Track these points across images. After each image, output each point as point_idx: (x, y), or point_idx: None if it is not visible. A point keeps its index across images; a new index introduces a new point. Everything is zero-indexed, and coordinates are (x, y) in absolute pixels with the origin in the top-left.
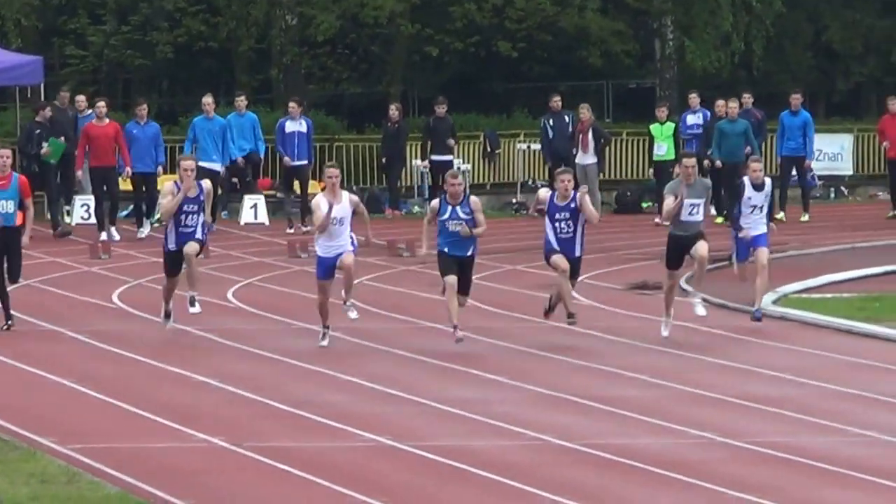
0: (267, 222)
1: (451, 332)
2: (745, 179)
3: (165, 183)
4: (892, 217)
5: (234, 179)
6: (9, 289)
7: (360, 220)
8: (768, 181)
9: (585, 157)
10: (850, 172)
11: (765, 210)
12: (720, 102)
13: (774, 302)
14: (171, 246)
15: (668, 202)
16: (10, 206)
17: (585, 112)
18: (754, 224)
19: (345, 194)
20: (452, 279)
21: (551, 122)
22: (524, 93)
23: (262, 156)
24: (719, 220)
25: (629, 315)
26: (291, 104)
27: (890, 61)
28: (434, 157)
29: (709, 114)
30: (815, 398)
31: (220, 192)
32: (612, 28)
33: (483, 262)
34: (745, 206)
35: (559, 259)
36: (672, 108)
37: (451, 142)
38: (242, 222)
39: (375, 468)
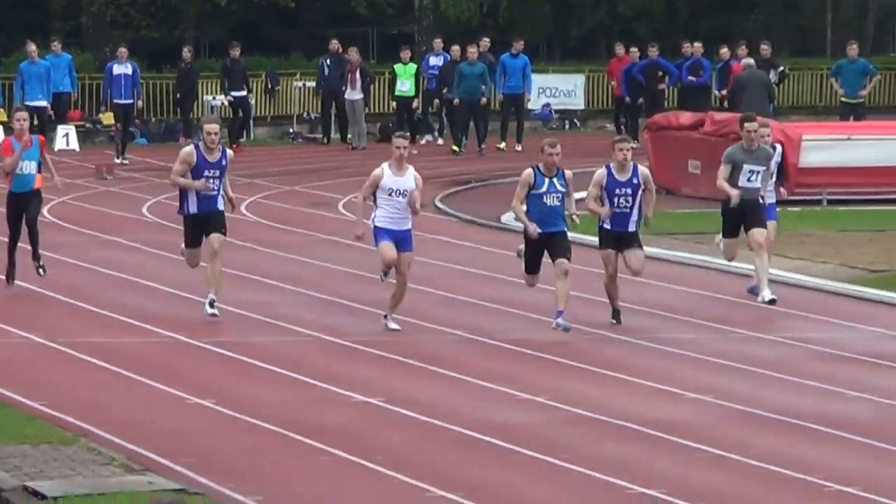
0: (77, 149)
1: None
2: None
3: (185, 148)
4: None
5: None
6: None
7: (412, 206)
8: (778, 146)
9: (353, 94)
10: (582, 107)
11: (772, 177)
12: (455, 48)
13: (517, 218)
14: (192, 209)
15: (723, 172)
16: (32, 167)
17: (354, 54)
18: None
19: (410, 168)
20: (533, 279)
21: (328, 61)
22: (301, 38)
23: (75, 92)
24: (455, 148)
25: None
26: (121, 49)
27: (618, 11)
28: (232, 94)
29: (448, 56)
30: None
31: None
32: None
33: (264, 183)
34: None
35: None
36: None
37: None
38: (56, 149)
39: (177, 362)
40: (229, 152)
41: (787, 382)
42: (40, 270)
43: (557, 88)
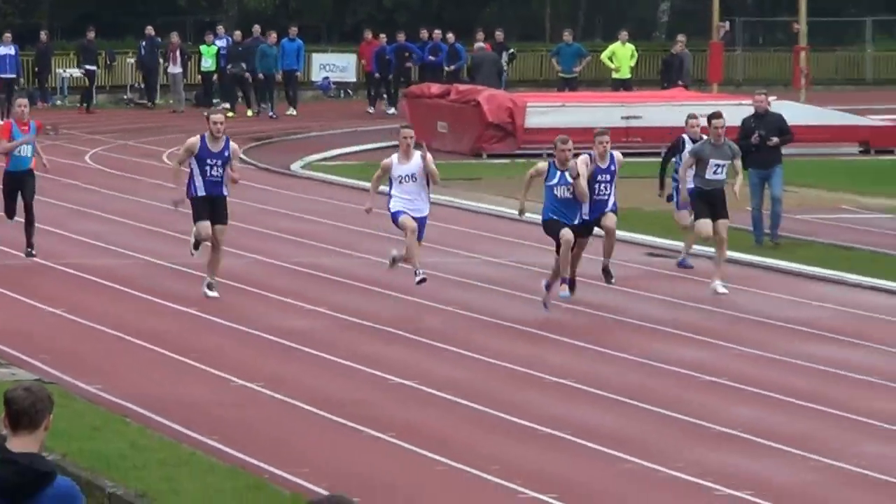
0: None
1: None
2: (685, 136)
3: (191, 138)
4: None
5: None
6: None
7: (431, 175)
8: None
9: (174, 68)
10: (354, 80)
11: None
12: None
13: (303, 167)
14: (200, 192)
15: (687, 161)
16: (28, 149)
17: (175, 37)
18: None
19: (416, 154)
20: (567, 233)
21: (144, 44)
22: (134, 24)
23: None
24: (250, 112)
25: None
26: (6, 35)
27: (382, 3)
28: (86, 66)
29: (231, 39)
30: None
31: None
32: None
33: (104, 138)
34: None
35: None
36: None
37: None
38: None
39: (34, 279)
40: (233, 144)
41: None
42: (30, 249)
43: (335, 65)
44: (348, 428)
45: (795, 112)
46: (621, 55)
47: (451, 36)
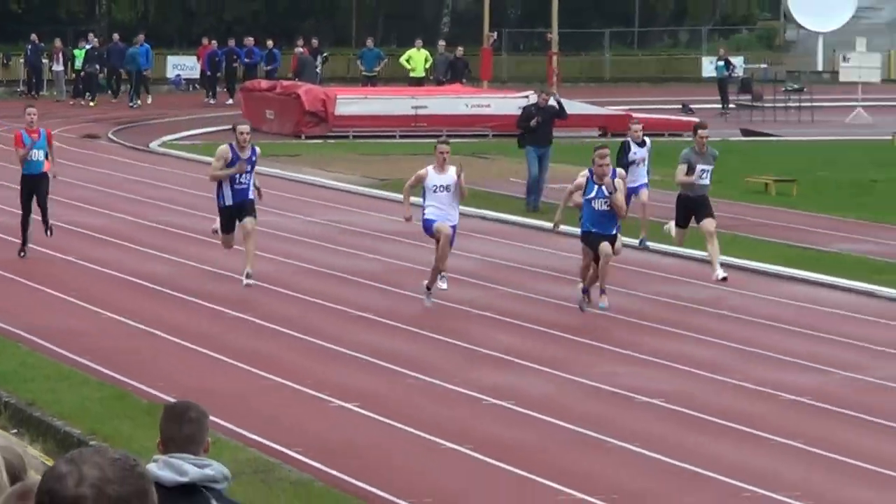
0: None
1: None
2: (629, 139)
3: (221, 146)
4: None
5: None
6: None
7: (461, 191)
8: (647, 140)
9: (57, 66)
10: (199, 77)
11: (647, 165)
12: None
13: (160, 145)
14: (227, 201)
15: (682, 170)
16: (41, 154)
17: (58, 42)
18: (638, 176)
19: (451, 168)
20: (606, 247)
21: (30, 48)
22: (26, 31)
23: None
24: (92, 104)
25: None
26: None
27: (223, 17)
28: None
29: (92, 44)
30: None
31: None
32: None
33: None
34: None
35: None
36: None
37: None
38: None
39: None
40: (257, 150)
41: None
42: (48, 231)
43: (185, 64)
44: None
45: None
46: (417, 58)
47: (269, 42)
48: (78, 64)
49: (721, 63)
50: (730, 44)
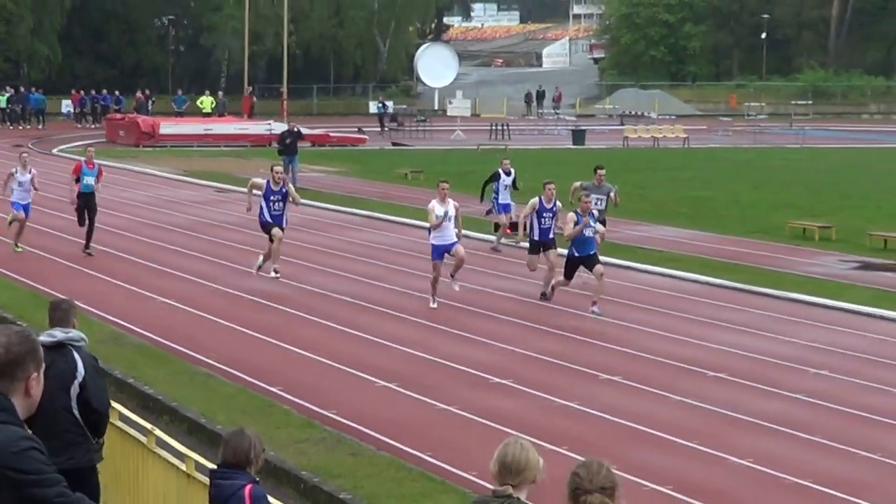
0: None
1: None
2: (500, 170)
3: (259, 179)
4: None
5: None
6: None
7: (455, 220)
8: (512, 170)
9: None
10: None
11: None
12: None
13: (59, 151)
14: (267, 218)
15: (584, 194)
16: (92, 179)
17: None
18: (507, 198)
19: (450, 201)
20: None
21: None
22: None
23: None
24: (20, 128)
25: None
26: None
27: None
28: None
29: (10, 91)
30: None
31: None
32: None
33: None
34: (502, 186)
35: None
36: None
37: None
38: None
39: None
40: (290, 186)
41: None
42: (89, 252)
43: (69, 103)
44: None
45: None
46: (206, 101)
47: (117, 92)
48: (2, 103)
49: (380, 104)
50: (386, 93)
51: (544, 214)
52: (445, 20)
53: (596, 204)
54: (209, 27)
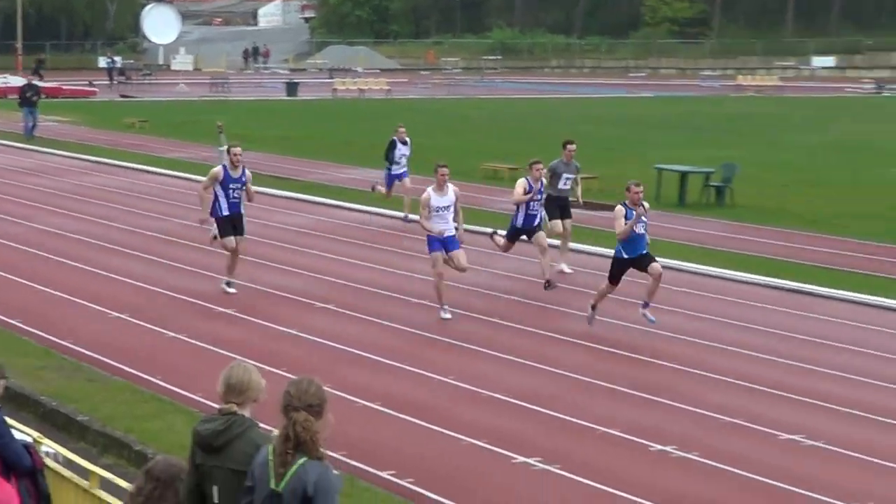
0: None
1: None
2: (395, 138)
3: (215, 168)
4: None
5: None
6: None
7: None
8: (408, 139)
9: None
10: None
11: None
12: None
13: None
14: (224, 212)
15: (546, 175)
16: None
17: None
18: (403, 167)
19: (450, 187)
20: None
21: None
22: None
23: None
24: None
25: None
26: None
27: None
28: None
29: None
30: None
31: None
32: None
33: None
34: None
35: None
36: None
37: None
38: None
39: None
40: (248, 172)
41: None
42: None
43: None
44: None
45: None
46: None
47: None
48: None
49: (109, 59)
50: (114, 49)
51: (534, 198)
52: None
53: (564, 183)
54: None
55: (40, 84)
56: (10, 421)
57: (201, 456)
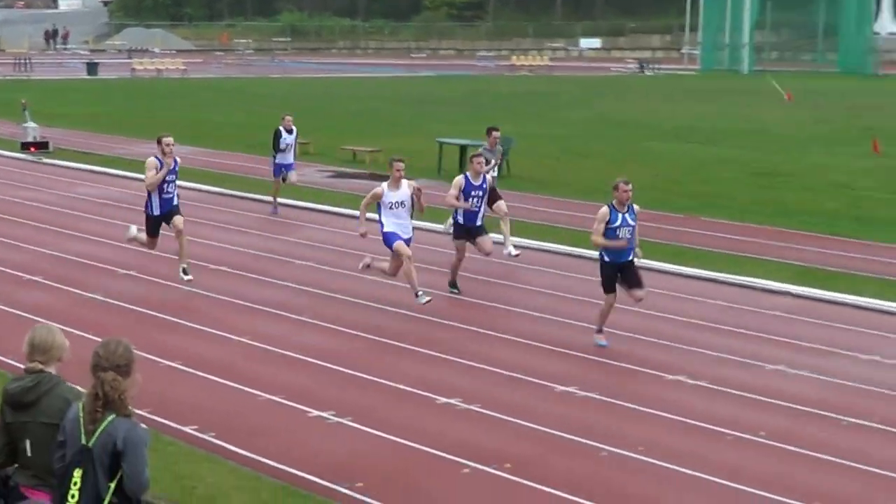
0: None
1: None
2: (281, 127)
3: (149, 158)
4: None
5: None
6: None
7: (417, 204)
8: (294, 129)
9: None
10: None
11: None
12: None
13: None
14: (155, 211)
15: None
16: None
17: None
18: (289, 158)
19: (405, 182)
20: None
21: None
22: None
23: None
24: None
25: None
26: None
27: None
28: None
29: None
30: None
31: None
32: None
33: None
34: (283, 145)
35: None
36: None
37: None
38: None
39: None
40: (178, 159)
41: None
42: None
43: None
44: None
45: None
46: None
47: None
48: None
49: None
50: None
51: (472, 194)
52: None
53: (490, 171)
54: None
55: None
56: None
57: (11, 414)
